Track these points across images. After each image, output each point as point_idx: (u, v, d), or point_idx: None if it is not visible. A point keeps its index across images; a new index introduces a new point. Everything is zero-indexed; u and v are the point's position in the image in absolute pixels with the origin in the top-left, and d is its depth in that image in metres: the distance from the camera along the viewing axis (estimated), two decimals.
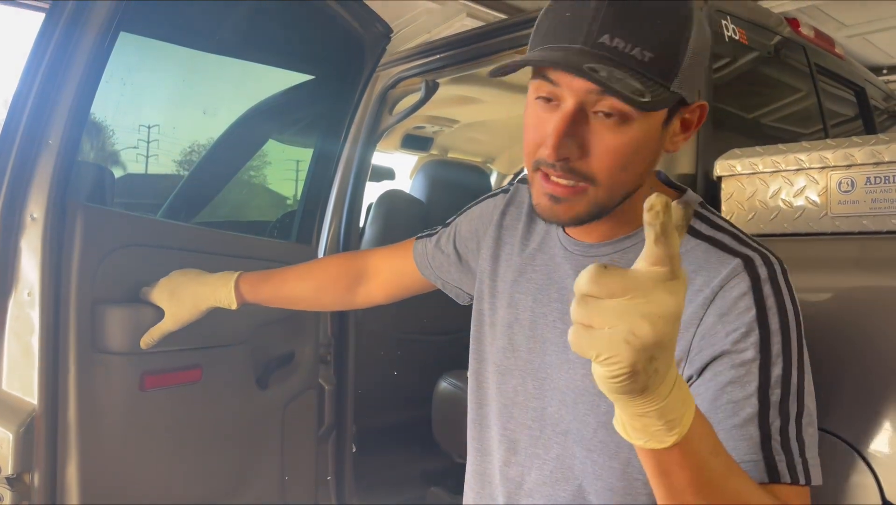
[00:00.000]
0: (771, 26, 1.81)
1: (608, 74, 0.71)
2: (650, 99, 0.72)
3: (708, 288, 0.76)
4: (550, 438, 0.89)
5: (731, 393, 0.72)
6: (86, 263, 1.25)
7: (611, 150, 0.77)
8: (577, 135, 0.77)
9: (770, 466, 0.70)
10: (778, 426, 0.71)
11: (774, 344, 0.73)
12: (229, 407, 1.58)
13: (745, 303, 0.74)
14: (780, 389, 0.72)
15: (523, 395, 0.93)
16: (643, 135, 0.77)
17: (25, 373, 1.20)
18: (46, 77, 1.20)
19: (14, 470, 1.16)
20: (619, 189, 0.82)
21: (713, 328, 0.75)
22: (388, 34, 2.01)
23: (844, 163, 1.19)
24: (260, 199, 2.55)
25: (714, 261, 0.78)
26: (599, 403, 0.81)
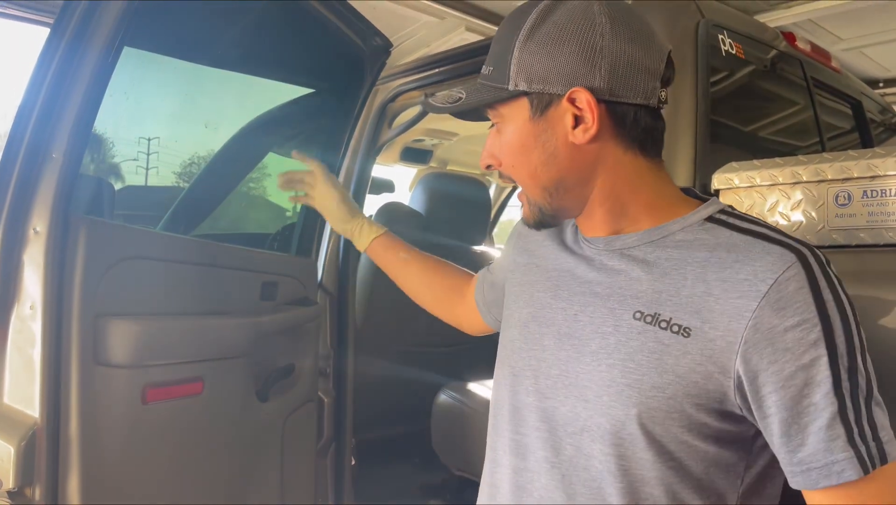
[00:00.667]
0: (767, 40, 1.82)
1: (443, 95, 0.96)
2: (464, 98, 0.92)
3: (759, 279, 0.75)
4: (562, 440, 0.87)
5: (809, 395, 0.73)
6: (88, 277, 1.25)
7: (501, 152, 0.92)
8: (494, 147, 0.94)
9: (860, 459, 0.72)
10: (855, 418, 0.73)
11: (838, 336, 0.73)
12: (230, 420, 1.58)
13: (802, 297, 0.74)
14: (849, 381, 0.73)
15: (534, 395, 0.92)
16: (512, 132, 0.89)
17: (27, 386, 1.20)
18: (50, 91, 1.21)
19: (15, 484, 1.16)
20: (535, 187, 0.90)
21: (770, 322, 0.74)
22: (387, 48, 2.03)
23: (841, 176, 1.20)
24: (260, 211, 2.56)
25: (759, 250, 0.78)
26: (631, 395, 0.80)
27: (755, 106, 1.83)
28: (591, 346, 0.85)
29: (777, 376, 0.74)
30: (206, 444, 1.51)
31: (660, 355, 0.79)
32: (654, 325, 0.80)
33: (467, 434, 2.30)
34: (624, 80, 0.83)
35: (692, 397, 0.78)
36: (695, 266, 0.80)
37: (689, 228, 0.85)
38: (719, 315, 0.76)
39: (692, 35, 1.52)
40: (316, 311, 1.95)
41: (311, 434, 1.96)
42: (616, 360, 0.82)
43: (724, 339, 0.76)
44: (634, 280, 0.84)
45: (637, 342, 0.81)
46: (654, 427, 0.79)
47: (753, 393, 0.76)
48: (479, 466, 1.05)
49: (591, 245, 0.93)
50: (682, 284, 0.80)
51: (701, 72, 1.50)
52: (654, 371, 0.79)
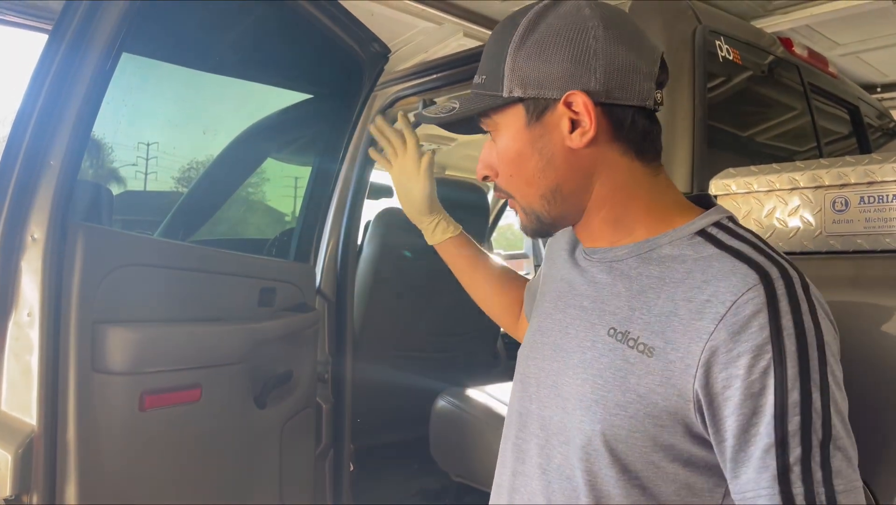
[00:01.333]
0: (765, 46, 1.83)
1: (437, 107, 0.95)
2: (458, 108, 0.91)
3: (718, 300, 0.73)
4: (555, 448, 0.87)
5: (755, 424, 0.71)
6: (86, 283, 1.25)
7: (498, 162, 0.91)
8: (490, 157, 0.92)
9: (787, 500, 0.68)
10: (798, 456, 0.69)
11: (790, 367, 0.70)
12: (228, 426, 1.57)
13: (758, 322, 0.71)
14: (798, 417, 0.69)
15: (536, 402, 0.91)
16: (509, 139, 0.88)
17: (24, 393, 1.20)
18: (49, 98, 1.21)
19: (13, 491, 1.16)
20: (533, 196, 0.88)
21: (726, 346, 0.72)
22: (385, 54, 2.03)
23: (838, 182, 1.20)
24: (258, 216, 2.56)
25: (727, 270, 0.75)
26: (596, 411, 0.80)
27: (752, 111, 1.84)
28: (574, 359, 0.86)
29: (730, 402, 0.72)
30: (204, 450, 1.51)
31: (624, 374, 0.78)
32: (623, 342, 0.80)
33: (466, 440, 2.29)
34: (619, 82, 0.82)
35: (654, 418, 0.76)
36: (670, 284, 0.79)
37: (677, 242, 0.83)
38: (681, 336, 0.75)
39: (689, 41, 1.53)
40: (314, 317, 1.95)
41: (310, 440, 1.96)
42: (589, 375, 0.82)
43: (683, 361, 0.74)
44: (615, 295, 0.84)
45: (607, 359, 0.81)
46: (617, 444, 0.78)
47: (711, 416, 0.73)
48: (477, 471, 1.05)
49: (588, 257, 0.92)
50: (654, 302, 0.79)
51: (698, 77, 1.50)
52: (618, 389, 0.78)
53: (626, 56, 0.82)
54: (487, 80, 0.88)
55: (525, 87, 0.84)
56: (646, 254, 0.85)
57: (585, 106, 0.82)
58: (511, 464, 0.95)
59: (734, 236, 0.81)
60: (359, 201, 2.27)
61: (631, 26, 0.86)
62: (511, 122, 0.87)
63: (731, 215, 0.87)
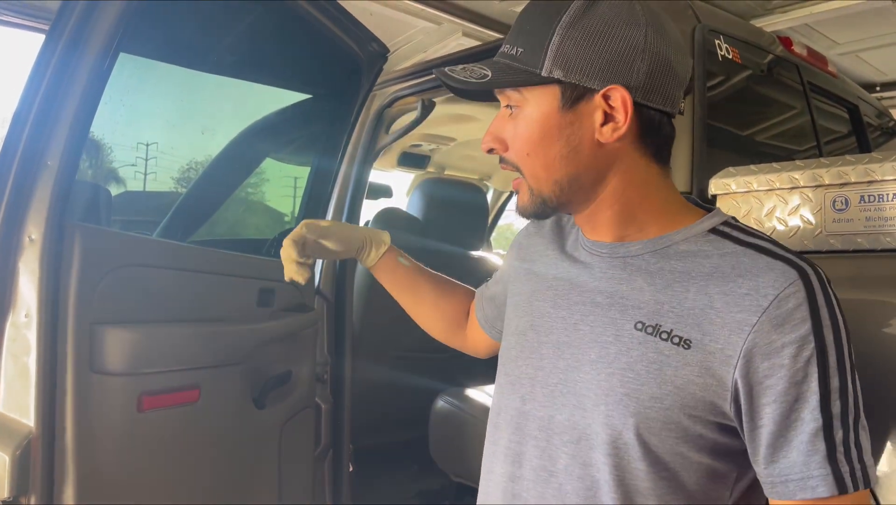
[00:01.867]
0: (764, 45, 1.83)
1: (462, 68, 0.87)
2: (491, 77, 0.85)
3: (761, 294, 0.76)
4: (558, 449, 0.86)
5: (798, 410, 0.75)
6: (84, 284, 1.25)
7: (514, 137, 0.87)
8: (501, 131, 0.89)
9: (838, 477, 0.74)
10: (841, 437, 0.74)
11: (831, 356, 0.75)
12: (227, 427, 1.57)
13: (800, 314, 0.75)
14: (839, 401, 0.75)
15: (532, 403, 0.91)
16: (535, 119, 0.85)
17: (22, 395, 1.19)
18: (46, 98, 1.21)
19: (10, 493, 1.16)
20: (542, 177, 0.87)
21: (769, 337, 0.75)
22: (384, 54, 2.03)
23: (838, 181, 1.20)
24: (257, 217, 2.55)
25: (763, 266, 0.78)
26: (629, 404, 0.80)
27: (752, 111, 1.84)
28: (590, 355, 0.85)
29: (772, 390, 0.75)
30: (202, 451, 1.50)
31: (660, 366, 0.79)
32: (654, 336, 0.81)
33: (465, 440, 2.29)
34: (658, 85, 0.83)
35: (689, 409, 0.78)
36: (698, 279, 0.81)
37: (693, 239, 0.85)
38: (720, 328, 0.77)
39: (689, 40, 1.53)
40: (313, 317, 1.94)
41: (309, 441, 1.95)
42: (616, 369, 0.82)
43: (724, 351, 0.77)
44: (637, 290, 0.84)
45: (637, 352, 0.81)
46: (650, 437, 0.79)
47: (748, 405, 0.76)
48: (477, 472, 1.04)
49: (593, 251, 0.92)
50: (684, 296, 0.81)
51: (698, 77, 1.50)
52: (653, 381, 0.79)
53: (669, 59, 0.83)
54: (525, 55, 0.84)
55: (567, 71, 0.82)
56: (662, 250, 0.86)
57: (624, 102, 0.82)
58: (504, 469, 0.93)
59: (748, 234, 0.84)
60: (358, 201, 2.26)
61: (675, 32, 0.86)
62: (543, 102, 0.85)
63: (732, 217, 0.89)
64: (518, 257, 1.08)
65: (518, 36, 0.86)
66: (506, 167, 0.91)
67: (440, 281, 1.32)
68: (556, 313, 0.92)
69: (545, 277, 0.97)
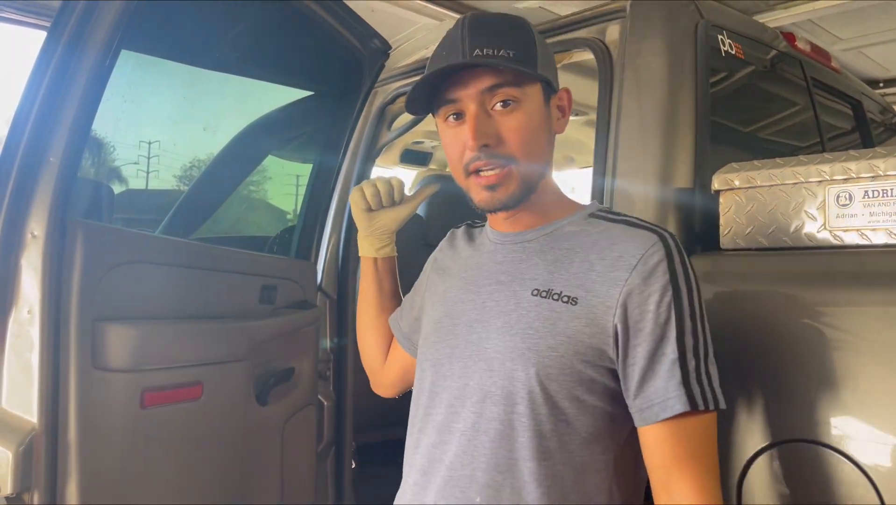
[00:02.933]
0: (767, 41, 1.82)
1: (492, 59, 0.95)
2: (524, 62, 0.96)
3: (629, 255, 0.94)
4: (468, 409, 0.99)
5: (662, 346, 0.92)
6: (86, 281, 1.25)
7: (515, 130, 0.98)
8: (489, 127, 0.98)
9: (690, 396, 0.91)
10: (694, 366, 0.92)
11: (684, 301, 0.93)
12: (229, 424, 1.57)
13: (661, 268, 0.93)
14: (692, 337, 0.93)
15: (450, 378, 1.03)
16: (533, 112, 0.99)
17: (25, 391, 1.19)
18: (48, 95, 1.21)
19: (14, 489, 1.16)
20: (535, 164, 1.01)
21: (639, 287, 0.92)
22: (386, 50, 2.02)
23: (842, 176, 1.20)
24: (259, 214, 2.56)
25: (630, 234, 0.97)
26: (530, 357, 0.95)
27: (755, 106, 1.83)
28: (496, 324, 1.00)
29: (643, 332, 0.92)
30: (205, 448, 1.51)
31: (553, 321, 0.95)
32: (548, 298, 0.97)
33: None
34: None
35: (580, 355, 0.94)
36: (581, 251, 0.99)
37: (576, 223, 1.04)
38: (600, 285, 0.95)
39: (692, 36, 1.52)
40: (315, 314, 1.94)
41: (311, 438, 1.96)
42: (517, 330, 0.97)
43: (604, 304, 0.94)
44: (533, 266, 1.01)
45: (534, 313, 0.97)
46: (549, 383, 0.94)
47: (624, 344, 0.93)
48: None
49: (498, 241, 1.08)
50: (570, 265, 0.98)
51: (700, 72, 1.49)
52: (548, 334, 0.95)
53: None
54: (520, 55, 0.96)
55: (546, 72, 1.00)
56: (552, 233, 1.04)
57: (569, 98, 1.05)
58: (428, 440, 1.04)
59: (619, 215, 1.04)
60: None
61: None
62: (536, 98, 1.00)
63: (606, 206, 1.12)
64: (434, 268, 1.23)
65: (502, 40, 0.97)
66: (494, 162, 0.99)
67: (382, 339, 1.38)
68: (466, 297, 1.07)
69: (457, 273, 1.13)
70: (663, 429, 0.92)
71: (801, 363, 1.16)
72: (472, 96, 0.97)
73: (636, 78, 1.51)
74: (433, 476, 1.01)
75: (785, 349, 1.18)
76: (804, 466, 1.11)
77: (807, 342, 1.16)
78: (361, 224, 1.32)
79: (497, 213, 1.05)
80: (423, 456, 1.04)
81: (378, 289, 1.36)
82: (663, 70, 1.49)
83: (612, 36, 1.59)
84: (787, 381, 1.15)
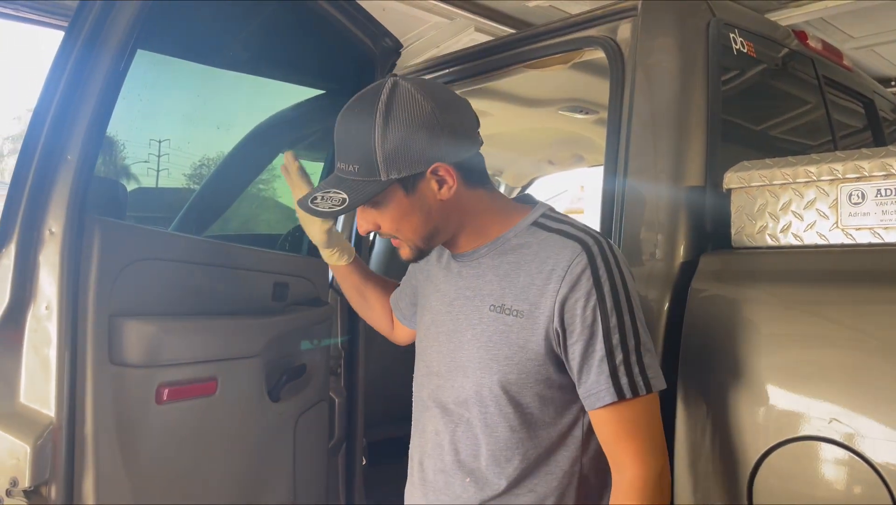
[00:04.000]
0: (779, 39, 1.82)
1: (321, 198, 1.12)
2: (349, 200, 1.09)
3: (559, 267, 1.07)
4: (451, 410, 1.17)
5: (591, 344, 1.05)
6: (103, 277, 1.26)
7: (385, 219, 1.13)
8: (369, 219, 1.15)
9: (618, 388, 1.04)
10: (621, 360, 1.05)
11: (608, 302, 1.05)
12: (242, 419, 1.58)
13: (585, 276, 1.05)
14: (618, 334, 1.05)
15: (437, 377, 1.20)
16: (394, 208, 1.11)
17: (43, 385, 1.21)
18: (65, 94, 1.22)
19: (32, 482, 1.17)
20: (414, 238, 1.15)
21: (567, 296, 1.05)
22: (397, 49, 2.03)
23: (854, 175, 1.20)
24: (270, 212, 2.57)
25: (559, 246, 1.09)
26: (492, 365, 1.11)
27: (767, 105, 1.83)
28: (467, 335, 1.15)
29: (574, 333, 1.06)
30: (219, 443, 1.52)
31: (507, 334, 1.10)
32: (501, 313, 1.11)
33: None
34: (461, 142, 1.10)
35: (532, 360, 1.09)
36: (524, 265, 1.11)
37: (521, 234, 1.15)
38: (540, 297, 1.08)
39: (703, 34, 1.52)
40: (327, 311, 1.96)
41: (323, 434, 1.97)
42: (482, 342, 1.12)
43: (544, 313, 1.07)
44: (488, 283, 1.15)
45: (493, 327, 1.12)
46: (510, 387, 1.10)
47: (564, 346, 1.07)
48: None
49: (458, 260, 1.21)
50: (516, 279, 1.11)
51: (712, 71, 1.49)
52: (504, 346, 1.10)
53: (459, 122, 1.11)
54: (363, 169, 1.08)
55: (399, 170, 1.07)
56: (500, 248, 1.15)
57: (447, 170, 1.09)
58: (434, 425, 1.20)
59: (557, 222, 1.15)
60: None
61: (443, 91, 1.13)
62: (392, 197, 1.11)
63: (551, 207, 1.19)
64: (416, 268, 1.37)
65: (348, 152, 1.10)
66: (385, 236, 1.18)
67: (383, 286, 1.54)
68: (444, 309, 1.21)
69: (436, 285, 1.26)
70: (603, 414, 1.07)
71: (811, 361, 1.16)
72: None
73: (647, 76, 1.51)
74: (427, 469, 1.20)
75: (795, 347, 1.18)
76: (815, 464, 1.11)
77: (818, 341, 1.17)
78: (321, 239, 1.43)
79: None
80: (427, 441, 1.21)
81: (363, 287, 1.52)
82: (675, 68, 1.49)
83: (624, 34, 1.59)
84: (797, 379, 1.16)
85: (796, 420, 1.13)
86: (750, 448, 1.17)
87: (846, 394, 1.08)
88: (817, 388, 1.13)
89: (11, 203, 1.21)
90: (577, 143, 3.28)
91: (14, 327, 1.22)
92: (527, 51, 1.82)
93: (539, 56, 1.80)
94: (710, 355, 1.26)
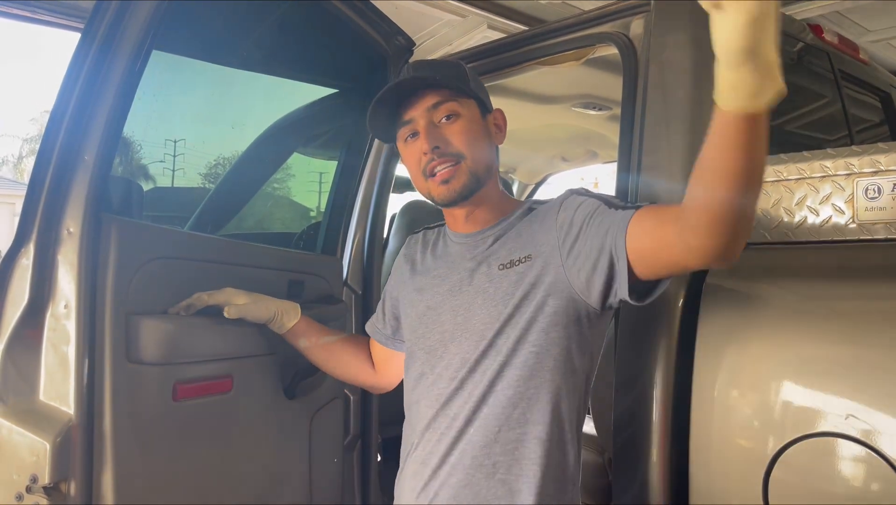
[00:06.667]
0: (794, 33, 1.80)
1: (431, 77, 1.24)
2: (458, 86, 1.25)
3: (553, 207, 1.22)
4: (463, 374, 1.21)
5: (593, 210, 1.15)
6: (120, 276, 1.28)
7: (459, 133, 1.24)
8: (438, 134, 1.24)
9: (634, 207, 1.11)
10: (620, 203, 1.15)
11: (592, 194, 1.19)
12: (258, 416, 1.60)
13: (572, 195, 1.21)
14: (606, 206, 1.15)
15: (447, 357, 1.23)
16: (472, 121, 1.26)
17: (62, 383, 1.22)
18: (82, 95, 1.24)
19: (51, 479, 1.19)
20: (479, 160, 1.25)
21: (560, 213, 1.20)
22: (410, 47, 2.03)
23: (871, 169, 1.19)
24: (285, 211, 2.58)
25: (548, 203, 1.27)
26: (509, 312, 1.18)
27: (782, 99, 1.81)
28: (477, 301, 1.22)
29: (576, 222, 1.15)
30: (234, 440, 1.53)
31: (520, 278, 1.19)
32: (511, 267, 1.21)
33: None
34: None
35: (547, 295, 1.16)
36: (525, 227, 1.25)
37: (520, 214, 1.29)
38: (542, 235, 1.20)
39: None
40: (341, 309, 1.96)
41: (338, 431, 1.98)
42: (498, 298, 1.20)
43: (549, 244, 1.19)
44: (494, 251, 1.25)
45: (505, 280, 1.20)
46: (526, 328, 1.16)
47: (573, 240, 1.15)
48: None
49: (458, 240, 1.32)
50: (518, 238, 1.24)
51: None
52: (518, 289, 1.18)
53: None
54: (455, 79, 1.26)
55: (480, 92, 1.30)
56: (503, 225, 1.28)
57: (503, 118, 1.34)
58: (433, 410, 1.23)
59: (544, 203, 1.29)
60: (384, 195, 2.27)
61: None
62: (472, 112, 1.27)
63: (536, 199, 1.33)
64: (406, 260, 1.45)
65: (437, 70, 1.29)
66: (445, 159, 1.23)
67: (345, 337, 1.58)
68: (443, 289, 1.29)
69: (427, 273, 1.34)
70: (638, 216, 1.08)
71: (828, 357, 1.15)
72: (422, 114, 1.24)
73: (660, 72, 1.50)
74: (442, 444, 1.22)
75: (811, 343, 1.17)
76: (831, 461, 1.10)
77: (834, 336, 1.16)
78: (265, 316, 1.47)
79: (455, 209, 1.29)
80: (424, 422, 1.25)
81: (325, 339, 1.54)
82: (688, 64, 1.48)
83: (637, 30, 1.59)
84: (813, 375, 1.15)
85: (812, 416, 1.12)
86: (766, 444, 1.17)
87: (862, 390, 1.08)
88: (833, 384, 1.12)
89: (30, 203, 1.23)
90: (591, 139, 3.27)
91: (33, 326, 1.23)
92: (539, 48, 1.82)
93: (552, 53, 1.80)
94: (725, 352, 1.25)
